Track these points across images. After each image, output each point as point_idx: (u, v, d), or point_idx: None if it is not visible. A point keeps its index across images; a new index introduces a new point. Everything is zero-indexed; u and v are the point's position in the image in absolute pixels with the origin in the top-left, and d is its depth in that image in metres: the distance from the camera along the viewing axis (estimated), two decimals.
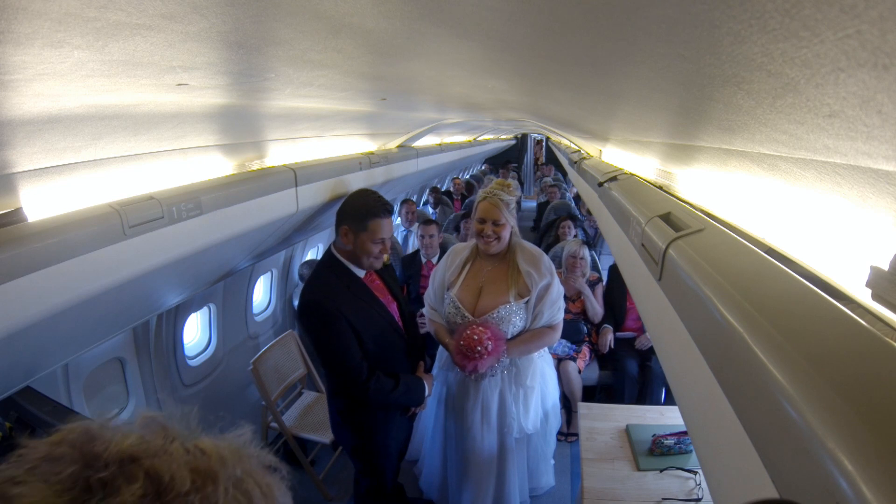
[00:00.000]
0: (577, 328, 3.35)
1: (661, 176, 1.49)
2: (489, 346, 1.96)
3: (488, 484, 2.28)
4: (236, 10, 0.65)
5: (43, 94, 0.84)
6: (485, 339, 1.96)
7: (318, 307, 1.75)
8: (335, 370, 1.85)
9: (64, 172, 1.19)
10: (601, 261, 4.34)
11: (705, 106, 0.68)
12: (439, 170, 6.63)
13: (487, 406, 2.20)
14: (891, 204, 0.46)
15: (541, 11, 0.61)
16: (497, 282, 2.14)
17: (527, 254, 2.13)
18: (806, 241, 0.69)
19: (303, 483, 2.83)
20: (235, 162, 1.96)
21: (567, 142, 5.77)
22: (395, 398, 1.90)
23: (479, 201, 2.11)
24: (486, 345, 1.96)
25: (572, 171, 4.43)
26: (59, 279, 1.14)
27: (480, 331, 1.98)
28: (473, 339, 1.97)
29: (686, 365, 0.78)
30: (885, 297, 0.47)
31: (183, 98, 1.15)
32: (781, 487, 0.45)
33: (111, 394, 2.22)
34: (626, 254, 1.42)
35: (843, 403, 0.38)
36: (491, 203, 2.05)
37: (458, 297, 2.14)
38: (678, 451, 2.08)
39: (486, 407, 2.20)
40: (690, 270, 0.77)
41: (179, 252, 1.54)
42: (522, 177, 13.27)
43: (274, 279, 3.50)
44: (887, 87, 0.34)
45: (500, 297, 2.11)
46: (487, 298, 2.12)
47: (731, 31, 0.42)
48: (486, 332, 1.99)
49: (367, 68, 1.16)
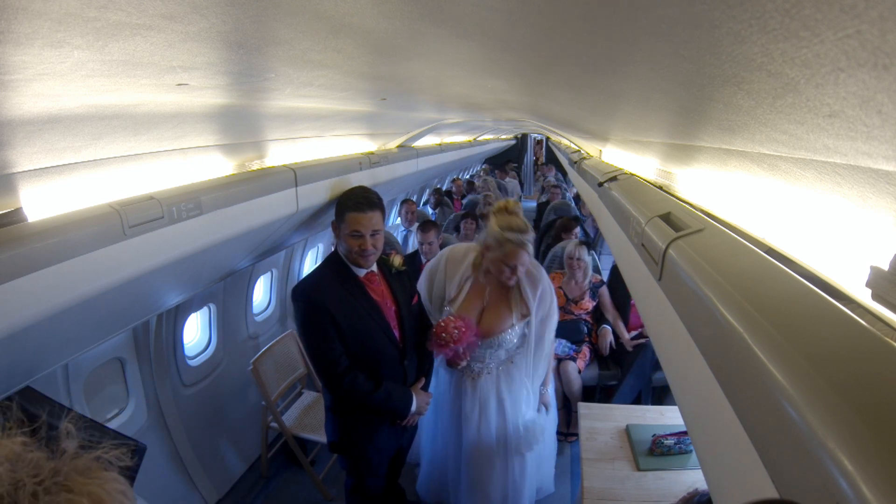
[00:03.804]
0: (577, 328, 3.35)
1: (661, 176, 1.49)
2: (455, 334, 2.00)
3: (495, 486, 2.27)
4: (236, 10, 0.65)
5: (43, 94, 0.84)
6: (451, 328, 2.00)
7: (304, 296, 1.79)
8: (314, 360, 1.88)
9: (64, 172, 1.19)
10: (601, 261, 4.33)
11: (705, 106, 0.68)
12: (439, 170, 6.63)
13: (485, 405, 2.20)
14: (891, 204, 0.46)
15: (541, 11, 0.61)
16: (499, 303, 2.17)
17: (529, 274, 2.15)
18: (806, 241, 0.69)
19: (303, 483, 2.83)
20: (235, 162, 1.95)
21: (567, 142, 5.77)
22: (374, 402, 1.86)
23: (510, 246, 2.01)
24: (453, 333, 2.00)
25: (572, 171, 4.43)
26: (59, 279, 1.13)
27: (450, 320, 2.03)
28: (441, 325, 2.02)
29: (686, 365, 0.78)
30: (885, 297, 0.47)
31: (183, 98, 1.15)
32: (781, 487, 0.45)
33: (111, 394, 2.22)
34: (626, 254, 1.42)
35: (843, 403, 0.38)
36: (524, 250, 2.03)
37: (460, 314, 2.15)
38: (678, 451, 2.08)
39: (483, 406, 2.20)
40: (690, 270, 0.77)
41: (179, 252, 1.53)
42: (522, 177, 13.27)
43: (274, 279, 3.50)
44: (887, 87, 0.34)
45: (504, 320, 2.15)
46: (493, 322, 2.15)
47: (731, 31, 0.42)
48: (457, 321, 2.03)
49: (367, 68, 1.16)
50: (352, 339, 1.83)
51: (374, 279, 1.95)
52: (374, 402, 1.86)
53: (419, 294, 2.16)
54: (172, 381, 2.51)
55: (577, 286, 3.43)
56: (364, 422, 1.95)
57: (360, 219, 1.80)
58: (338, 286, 1.83)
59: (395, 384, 1.94)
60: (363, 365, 1.86)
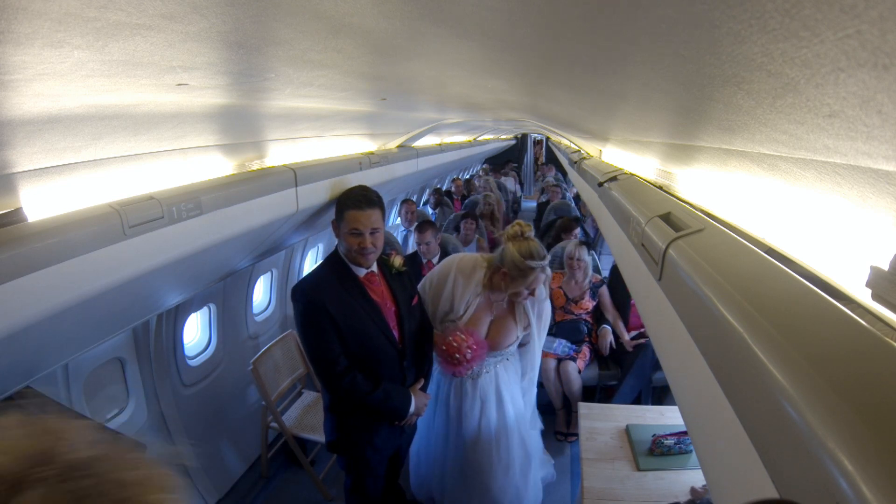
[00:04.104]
0: (577, 328, 3.35)
1: (661, 176, 1.49)
2: (469, 355, 2.05)
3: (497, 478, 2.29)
4: (236, 10, 0.65)
5: (43, 94, 0.84)
6: (464, 348, 2.04)
7: (303, 295, 1.80)
8: (312, 359, 1.89)
9: (64, 172, 1.19)
10: (601, 261, 4.34)
11: (705, 106, 0.68)
12: (439, 170, 6.63)
13: (486, 401, 2.23)
14: (891, 204, 0.46)
15: (541, 11, 0.61)
16: (505, 316, 2.22)
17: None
18: (806, 241, 0.69)
19: (303, 483, 2.83)
20: (235, 162, 1.95)
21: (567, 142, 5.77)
22: (372, 402, 1.86)
23: (534, 276, 2.02)
24: (466, 353, 2.05)
25: (572, 171, 4.43)
26: (59, 279, 1.13)
27: (462, 338, 2.06)
28: (454, 346, 2.05)
29: (686, 365, 0.78)
30: (885, 297, 0.47)
31: (183, 98, 1.15)
32: (781, 487, 0.45)
33: (111, 394, 2.22)
34: (626, 254, 1.42)
35: (843, 403, 0.38)
36: (545, 273, 2.07)
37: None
38: (678, 451, 2.08)
39: (484, 401, 2.23)
40: (690, 270, 0.77)
41: (179, 252, 1.53)
42: (522, 177, 13.27)
43: (274, 279, 3.50)
44: (887, 87, 0.34)
45: (511, 334, 2.21)
46: (500, 336, 2.19)
47: (731, 31, 0.42)
48: (468, 339, 2.06)
49: (367, 68, 1.16)
50: (351, 339, 1.82)
51: (375, 279, 1.94)
52: (373, 402, 1.86)
53: (420, 295, 2.16)
54: (172, 381, 2.50)
55: (577, 286, 3.43)
56: (362, 422, 1.95)
57: (358, 216, 1.80)
58: (337, 286, 1.83)
59: (393, 385, 1.93)
60: (362, 365, 1.86)
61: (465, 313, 2.16)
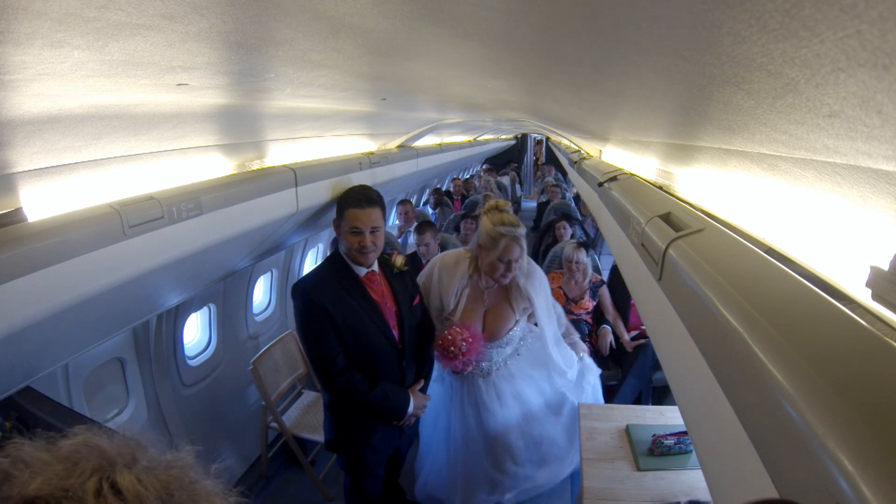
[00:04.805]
0: (577, 328, 3.35)
1: (661, 176, 1.49)
2: (463, 347, 2.05)
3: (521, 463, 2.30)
4: (236, 10, 0.64)
5: (43, 94, 0.84)
6: (458, 341, 2.05)
7: (302, 294, 1.81)
8: (311, 358, 1.89)
9: (64, 172, 1.19)
10: (601, 261, 4.33)
11: (705, 106, 0.68)
12: (439, 170, 6.63)
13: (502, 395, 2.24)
14: (891, 204, 0.46)
15: (541, 11, 0.61)
16: (500, 303, 2.19)
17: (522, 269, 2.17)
18: (806, 241, 0.69)
19: (303, 483, 2.83)
20: (235, 162, 1.95)
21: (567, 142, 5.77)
22: (370, 403, 1.86)
23: (505, 241, 2.01)
24: (461, 346, 2.05)
25: (572, 171, 4.43)
26: (59, 279, 1.13)
27: (456, 332, 2.06)
28: (448, 339, 2.06)
29: (686, 365, 0.78)
30: (885, 297, 0.47)
31: (183, 98, 1.15)
32: (781, 487, 0.45)
33: (111, 394, 2.22)
34: (626, 254, 1.42)
35: (843, 403, 0.38)
36: (518, 245, 2.04)
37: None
38: (678, 451, 2.07)
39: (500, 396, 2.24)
40: (690, 270, 0.77)
41: (179, 252, 1.53)
42: (522, 177, 13.27)
43: (274, 279, 3.50)
44: (887, 87, 0.34)
45: (508, 320, 2.18)
46: (497, 324, 2.18)
47: (731, 31, 0.42)
48: (464, 332, 2.06)
49: (367, 68, 1.16)
50: (349, 338, 1.82)
51: (375, 279, 1.94)
52: (371, 402, 1.86)
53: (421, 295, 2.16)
54: (172, 382, 2.50)
55: (577, 286, 3.43)
56: (360, 422, 1.95)
57: (358, 215, 1.81)
58: (337, 285, 1.83)
59: (391, 385, 1.93)
60: (361, 364, 1.86)
61: (456, 307, 2.16)
